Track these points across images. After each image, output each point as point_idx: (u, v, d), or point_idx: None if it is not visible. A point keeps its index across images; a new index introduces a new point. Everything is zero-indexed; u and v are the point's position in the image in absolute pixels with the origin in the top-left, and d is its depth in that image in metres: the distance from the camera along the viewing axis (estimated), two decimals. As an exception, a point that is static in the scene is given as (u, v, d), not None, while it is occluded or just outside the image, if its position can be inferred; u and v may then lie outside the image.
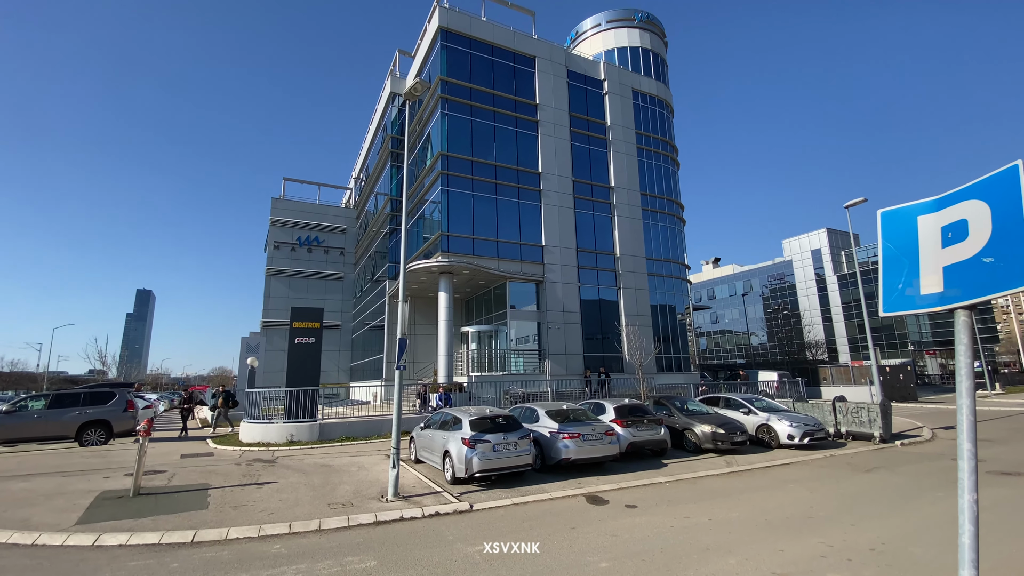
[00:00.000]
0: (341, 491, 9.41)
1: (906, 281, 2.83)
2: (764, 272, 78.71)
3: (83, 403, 16.43)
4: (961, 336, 2.51)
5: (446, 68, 26.51)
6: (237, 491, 9.46)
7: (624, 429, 12.17)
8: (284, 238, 44.08)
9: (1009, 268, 2.34)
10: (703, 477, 10.56)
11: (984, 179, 2.55)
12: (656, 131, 33.90)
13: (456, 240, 25.10)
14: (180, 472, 11.31)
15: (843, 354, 66.27)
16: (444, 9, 27.03)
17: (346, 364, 43.97)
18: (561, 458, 10.67)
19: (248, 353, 27.47)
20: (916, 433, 16.34)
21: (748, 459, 12.40)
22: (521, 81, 28.85)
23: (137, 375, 76.27)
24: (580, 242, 28.60)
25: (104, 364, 57.90)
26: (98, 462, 12.78)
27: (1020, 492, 8.89)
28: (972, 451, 2.33)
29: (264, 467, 11.95)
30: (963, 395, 2.40)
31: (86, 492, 9.30)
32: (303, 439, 15.72)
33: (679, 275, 33.35)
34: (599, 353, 27.75)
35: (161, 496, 9.04)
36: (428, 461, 11.52)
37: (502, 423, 10.42)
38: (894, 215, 2.98)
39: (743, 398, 15.88)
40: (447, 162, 25.68)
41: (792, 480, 10.22)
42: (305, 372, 16.36)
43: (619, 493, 9.29)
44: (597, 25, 36.54)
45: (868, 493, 9.11)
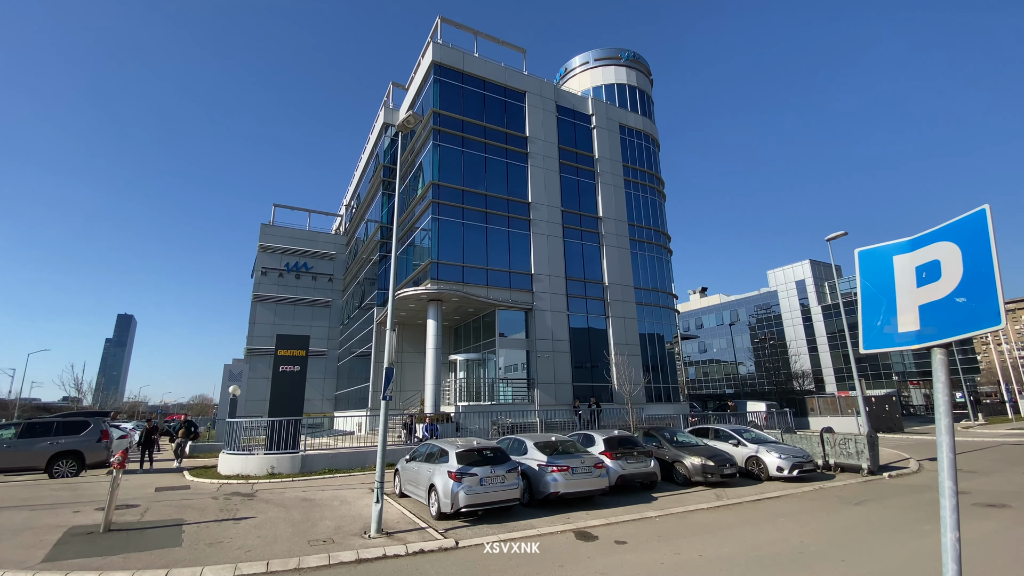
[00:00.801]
0: (322, 527, 9.11)
1: (884, 318, 2.90)
2: (750, 302, 79.65)
3: (55, 433, 15.82)
4: (939, 374, 2.58)
5: (439, 101, 27.12)
6: (213, 527, 9.10)
7: (614, 461, 12.03)
8: (272, 264, 43.80)
9: (981, 308, 2.42)
10: (693, 511, 10.42)
11: (954, 222, 2.66)
12: (642, 164, 34.75)
13: (446, 267, 25.16)
14: (154, 506, 10.88)
15: (829, 384, 66.67)
16: (438, 45, 27.85)
17: (331, 393, 43.14)
18: (549, 492, 10.47)
19: (231, 381, 26.82)
20: (903, 465, 16.36)
21: (738, 492, 12.28)
22: (512, 114, 29.57)
23: (114, 403, 73.94)
24: (569, 271, 28.82)
25: (79, 391, 56.14)
26: (68, 495, 12.25)
27: (1005, 524, 8.89)
28: (953, 489, 2.36)
29: (243, 501, 11.54)
30: (943, 432, 2.44)
31: (54, 527, 8.89)
32: (284, 471, 15.26)
33: (667, 304, 33.62)
34: (588, 383, 27.61)
35: (133, 532, 8.67)
36: (413, 495, 11.23)
37: (490, 455, 10.25)
38: (871, 254, 3.08)
39: (732, 429, 15.83)
40: (438, 191, 25.98)
41: (782, 514, 10.13)
42: (288, 401, 16.01)
43: (609, 528, 9.12)
44: (585, 63, 37.83)
45: (858, 527, 9.05)
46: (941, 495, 2.38)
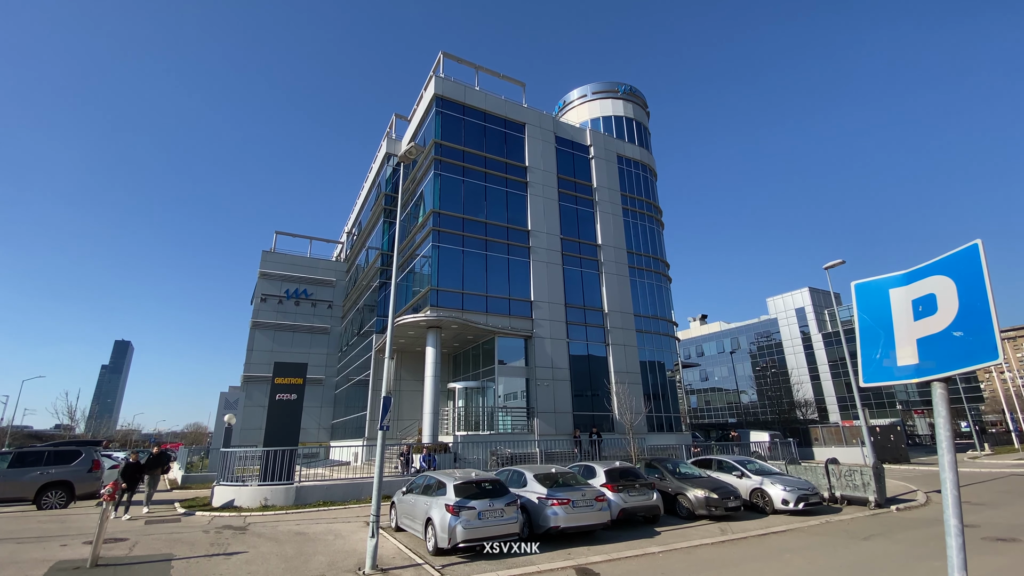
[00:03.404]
0: (315, 563, 8.85)
1: (883, 351, 2.91)
2: (751, 329, 79.35)
3: (46, 462, 15.54)
4: (940, 408, 2.56)
5: (440, 132, 27.70)
6: (203, 562, 8.84)
7: (615, 494, 11.76)
8: (272, 291, 43.83)
9: (978, 343, 2.43)
10: (698, 546, 10.14)
11: (948, 256, 2.69)
12: (640, 193, 35.23)
13: (445, 295, 25.18)
14: (143, 540, 10.59)
15: (833, 412, 65.78)
16: (440, 79, 28.62)
17: (327, 421, 42.51)
18: (550, 526, 10.21)
19: (226, 409, 26.49)
20: (911, 497, 16.00)
21: (743, 526, 11.98)
22: (512, 145, 30.15)
23: (106, 431, 72.76)
24: (569, 298, 28.84)
25: (72, 419, 55.26)
26: (56, 528, 11.94)
27: (1015, 560, 8.65)
28: (959, 527, 2.31)
29: (234, 535, 11.24)
30: (946, 469, 2.42)
31: (40, 562, 8.63)
32: (278, 503, 14.90)
33: (667, 332, 33.51)
34: (589, 411, 27.26)
35: (121, 568, 8.42)
36: (410, 529, 10.95)
37: (488, 488, 10.04)
38: (867, 287, 3.11)
39: (736, 460, 15.53)
40: (439, 219, 26.25)
41: (789, 549, 9.86)
42: (284, 431, 15.77)
43: (611, 565, 8.86)
44: (583, 96, 38.80)
45: (866, 563, 8.80)
46: (947, 534, 2.34)
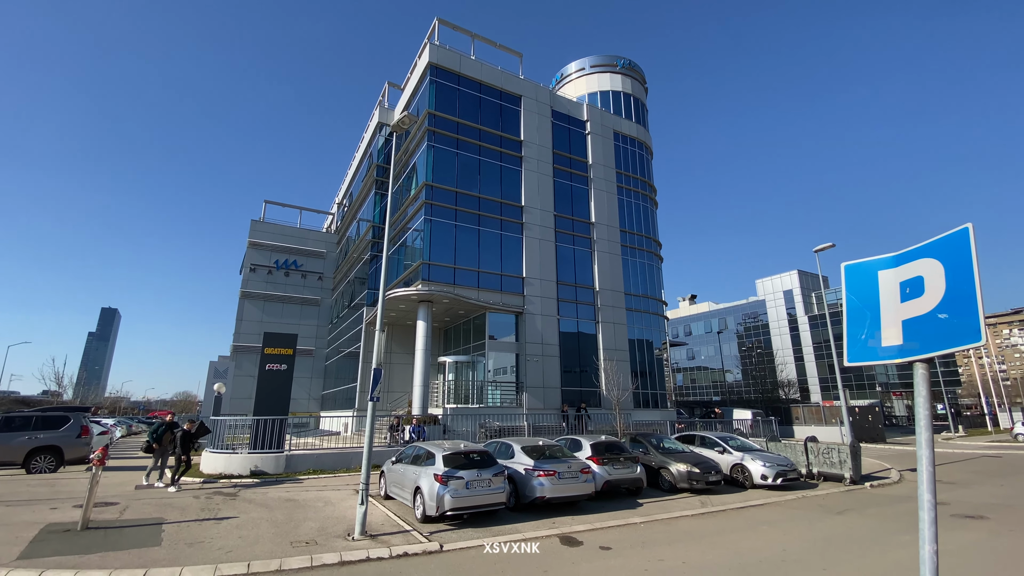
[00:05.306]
0: (305, 528, 9.01)
1: (869, 332, 2.95)
2: (739, 310, 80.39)
3: (34, 427, 15.54)
4: (920, 388, 2.62)
5: (434, 102, 27.10)
6: (194, 526, 8.97)
7: (600, 467, 12.05)
8: (261, 261, 43.43)
9: (962, 324, 2.47)
10: (678, 518, 10.47)
11: (938, 239, 2.71)
12: (636, 171, 34.98)
13: (437, 269, 25.09)
14: (134, 504, 10.70)
15: (815, 393, 67.42)
16: (435, 46, 27.84)
17: (318, 392, 42.78)
18: (536, 496, 10.47)
19: (216, 378, 26.49)
20: (885, 475, 16.58)
21: (723, 499, 12.36)
22: (507, 118, 29.62)
23: (95, 398, 72.64)
24: (560, 275, 28.88)
25: (60, 385, 55.06)
26: (46, 491, 12.02)
27: (982, 536, 9.04)
28: (932, 502, 2.40)
29: (224, 500, 11.39)
30: (923, 446, 2.49)
31: (31, 524, 8.71)
32: (268, 471, 15.08)
33: (657, 311, 33.81)
34: (577, 387, 27.65)
35: (111, 530, 8.52)
36: (399, 497, 11.16)
37: (476, 459, 10.22)
38: (857, 269, 3.13)
39: (718, 437, 15.94)
40: (432, 192, 25.93)
41: (766, 522, 10.21)
42: (274, 400, 15.84)
43: (594, 534, 9.13)
44: (581, 69, 38.03)
45: (839, 536, 9.15)
46: (920, 508, 2.42)
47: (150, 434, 13.29)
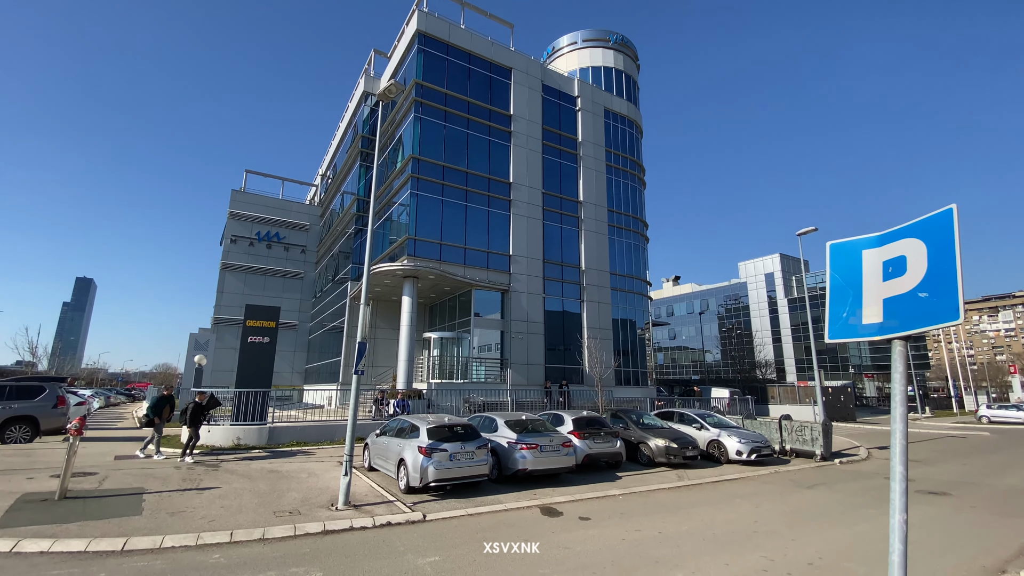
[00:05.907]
0: (289, 498, 9.06)
1: (850, 311, 3.00)
2: (721, 292, 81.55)
3: (8, 397, 15.22)
4: (897, 365, 2.68)
5: (422, 72, 26.39)
6: (175, 496, 8.95)
7: (581, 441, 12.29)
8: (242, 232, 42.52)
9: (942, 303, 2.51)
10: (655, 491, 10.77)
11: (922, 219, 2.74)
12: (625, 150, 34.77)
13: (423, 244, 24.86)
14: (113, 475, 10.63)
15: (791, 374, 69.27)
16: (423, 13, 26.96)
17: (301, 366, 42.60)
18: (518, 468, 10.65)
19: (196, 350, 26.09)
20: (854, 452, 17.23)
21: (699, 473, 12.74)
22: (496, 91, 29.04)
23: (71, 369, 71.21)
24: (547, 253, 28.86)
25: (34, 356, 53.80)
26: (22, 461, 11.85)
27: (945, 511, 9.50)
28: (903, 474, 2.48)
29: (207, 471, 11.38)
30: (897, 420, 2.56)
31: (6, 494, 8.59)
32: (251, 443, 15.07)
33: (641, 291, 34.12)
34: (560, 364, 27.97)
35: (90, 500, 8.46)
36: (382, 469, 11.26)
37: (460, 432, 10.33)
38: (841, 248, 3.16)
39: (696, 414, 16.34)
40: (418, 166, 25.48)
41: (739, 495, 10.56)
42: (257, 372, 15.71)
43: (573, 505, 9.35)
44: (573, 43, 37.29)
45: (809, 509, 9.52)
46: (892, 479, 2.50)
47: (149, 408, 13.71)
